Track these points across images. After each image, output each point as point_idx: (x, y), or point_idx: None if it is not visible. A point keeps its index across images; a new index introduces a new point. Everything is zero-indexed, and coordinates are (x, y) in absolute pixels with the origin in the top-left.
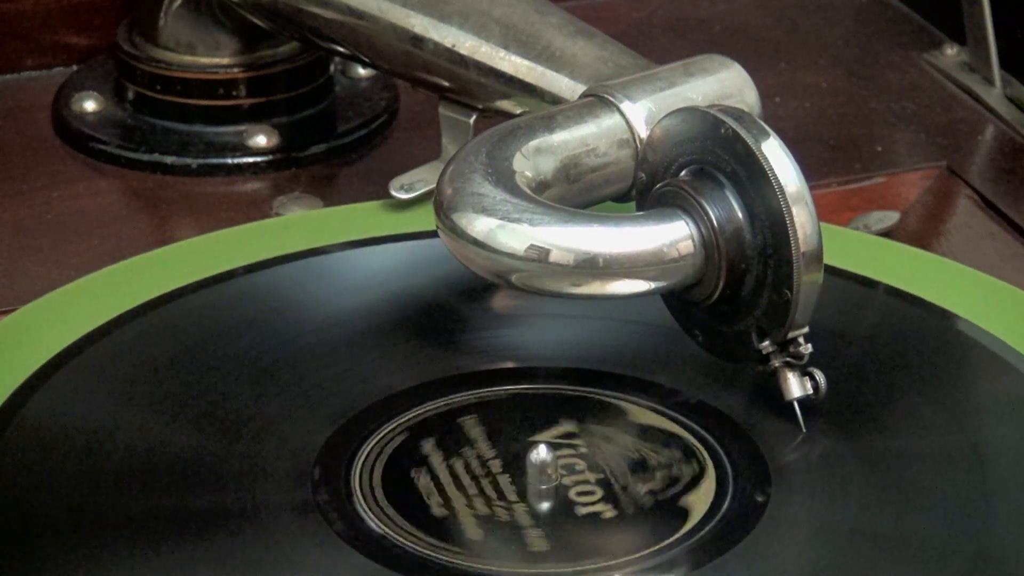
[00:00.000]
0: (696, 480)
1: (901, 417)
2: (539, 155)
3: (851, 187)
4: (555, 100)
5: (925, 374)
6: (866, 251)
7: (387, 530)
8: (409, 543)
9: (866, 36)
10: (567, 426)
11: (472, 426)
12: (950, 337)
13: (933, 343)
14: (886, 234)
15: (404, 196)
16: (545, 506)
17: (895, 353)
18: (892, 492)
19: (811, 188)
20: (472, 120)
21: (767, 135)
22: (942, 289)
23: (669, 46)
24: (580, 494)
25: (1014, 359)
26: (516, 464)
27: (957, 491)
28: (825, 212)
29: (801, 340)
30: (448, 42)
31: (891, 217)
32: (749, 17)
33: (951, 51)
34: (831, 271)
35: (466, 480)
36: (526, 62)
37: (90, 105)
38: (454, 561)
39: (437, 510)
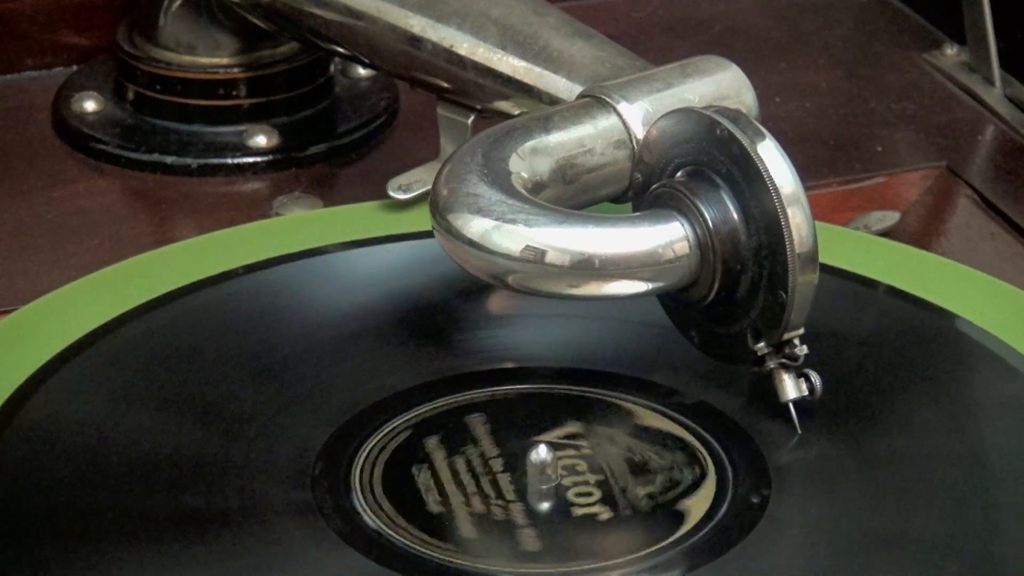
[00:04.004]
0: (695, 480)
1: (901, 417)
2: (535, 156)
3: (851, 187)
4: (552, 101)
5: (925, 374)
6: (866, 251)
7: (386, 529)
8: (408, 543)
9: (866, 36)
10: (566, 426)
11: (471, 426)
12: (950, 337)
13: (933, 343)
14: (886, 234)
15: (402, 197)
16: (544, 506)
17: (895, 353)
18: (892, 492)
19: (811, 188)
20: (470, 121)
21: (763, 136)
22: (942, 289)
23: (668, 46)
24: (579, 494)
25: (1014, 359)
26: (515, 464)
27: (957, 491)
28: (825, 212)
29: (796, 341)
30: (446, 43)
31: (891, 217)
32: (749, 17)
33: (951, 51)
34: (831, 271)
35: (465, 480)
36: (523, 63)
37: (90, 105)
38: (453, 561)
39: (436, 509)
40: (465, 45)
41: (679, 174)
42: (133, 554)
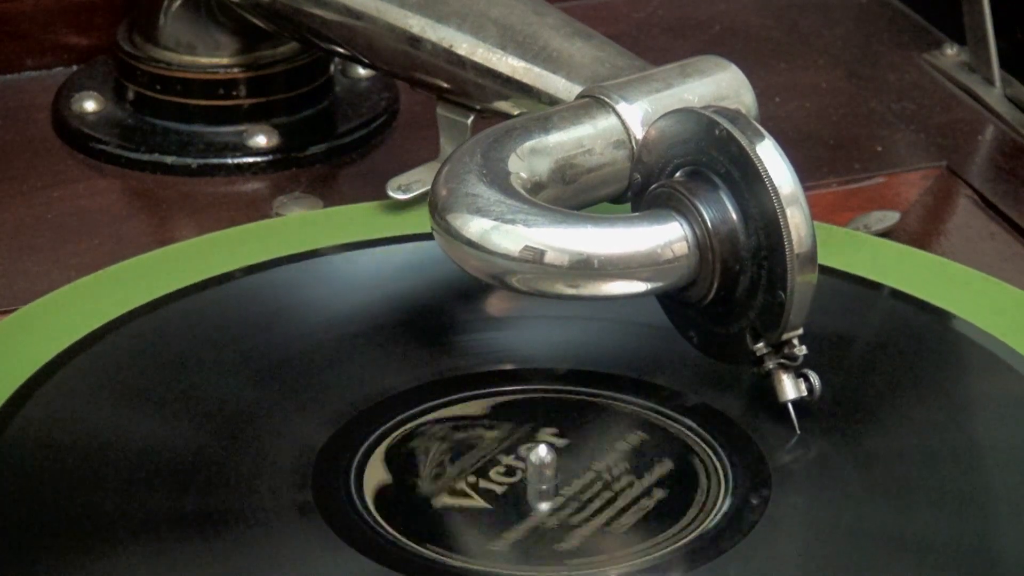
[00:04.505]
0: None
1: (900, 417)
2: (534, 156)
3: (851, 187)
4: (552, 101)
5: (925, 374)
6: (866, 251)
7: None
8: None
9: (866, 36)
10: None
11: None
12: (950, 337)
13: (933, 343)
14: (886, 234)
15: (401, 197)
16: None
17: (895, 353)
18: (891, 492)
19: (811, 188)
20: (470, 121)
21: (761, 136)
22: (942, 289)
23: (669, 46)
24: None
25: (1013, 359)
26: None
27: (956, 491)
28: (825, 212)
29: (795, 342)
30: (445, 43)
31: (891, 217)
32: (749, 17)
33: (951, 51)
34: (831, 271)
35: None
36: (523, 63)
37: (90, 105)
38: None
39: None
40: (464, 45)
41: (678, 174)
42: (133, 555)
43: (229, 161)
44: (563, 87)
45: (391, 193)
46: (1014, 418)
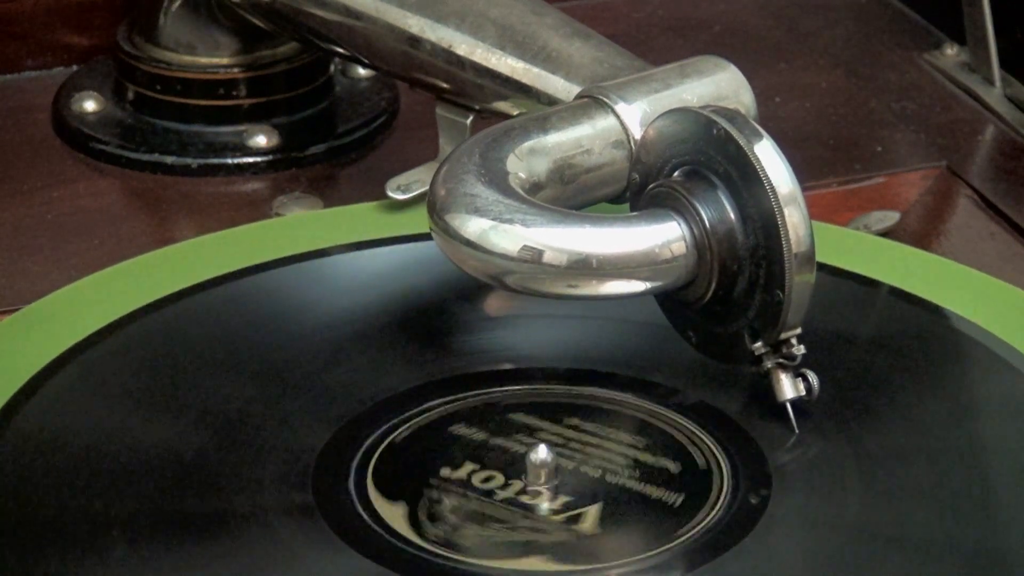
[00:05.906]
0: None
1: (900, 417)
2: (533, 156)
3: (851, 187)
4: (551, 101)
5: (925, 374)
6: (866, 251)
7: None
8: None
9: (866, 36)
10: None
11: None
12: (950, 337)
13: (933, 342)
14: (886, 234)
15: (400, 197)
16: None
17: (895, 353)
18: (891, 491)
19: (811, 188)
20: (469, 121)
21: (760, 136)
22: (942, 289)
23: (669, 46)
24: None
25: (1014, 359)
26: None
27: (956, 491)
28: (825, 212)
29: (794, 341)
30: (444, 43)
31: (891, 217)
32: (749, 17)
33: (951, 51)
34: (831, 271)
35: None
36: (522, 63)
37: (90, 105)
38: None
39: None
40: (464, 45)
41: (676, 174)
42: (133, 555)
43: (229, 161)
44: (562, 87)
45: (390, 193)
46: (1014, 417)
